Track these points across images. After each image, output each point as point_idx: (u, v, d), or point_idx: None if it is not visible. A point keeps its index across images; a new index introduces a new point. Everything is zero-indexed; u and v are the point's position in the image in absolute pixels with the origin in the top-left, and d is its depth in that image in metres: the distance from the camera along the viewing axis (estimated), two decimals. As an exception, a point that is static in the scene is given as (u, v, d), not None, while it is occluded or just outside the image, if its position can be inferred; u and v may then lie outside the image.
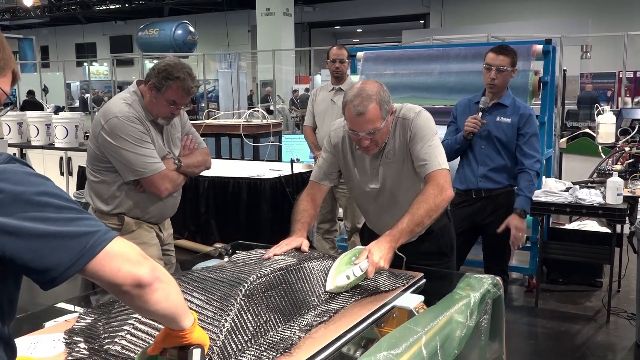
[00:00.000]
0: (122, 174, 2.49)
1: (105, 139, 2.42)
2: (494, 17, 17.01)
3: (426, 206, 2.00)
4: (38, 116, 7.14)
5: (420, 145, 2.11)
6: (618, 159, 4.51)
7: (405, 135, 2.16)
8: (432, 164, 2.08)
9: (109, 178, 2.53)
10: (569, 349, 3.49)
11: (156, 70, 2.43)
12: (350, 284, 1.80)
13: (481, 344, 1.87)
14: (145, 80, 2.46)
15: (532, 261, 4.30)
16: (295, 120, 14.01)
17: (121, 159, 2.44)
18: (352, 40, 25.89)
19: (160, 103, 2.45)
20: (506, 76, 3.18)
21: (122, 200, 2.55)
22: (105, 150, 2.45)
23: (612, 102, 11.97)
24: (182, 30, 17.18)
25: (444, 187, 2.04)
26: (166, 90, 2.41)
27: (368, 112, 1.99)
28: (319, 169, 2.33)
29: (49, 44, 26.24)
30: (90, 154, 2.54)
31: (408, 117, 2.15)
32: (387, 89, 2.10)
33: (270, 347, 1.41)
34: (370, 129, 2.02)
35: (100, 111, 2.51)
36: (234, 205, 5.13)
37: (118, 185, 2.53)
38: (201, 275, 1.59)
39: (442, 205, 2.05)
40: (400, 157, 2.18)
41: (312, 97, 4.44)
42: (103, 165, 2.51)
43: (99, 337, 1.44)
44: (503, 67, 3.13)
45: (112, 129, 2.40)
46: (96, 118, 2.50)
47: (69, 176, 6.61)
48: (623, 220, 3.79)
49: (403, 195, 2.21)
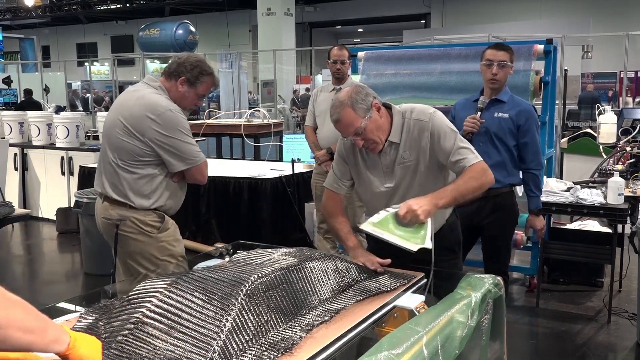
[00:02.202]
0: (171, 165, 2.54)
1: (158, 132, 2.47)
2: (495, 17, 17.01)
3: (472, 182, 2.09)
4: (39, 116, 7.13)
5: (449, 143, 2.16)
6: (619, 159, 4.51)
7: (422, 136, 2.20)
8: (470, 157, 2.14)
9: (151, 172, 2.55)
10: (570, 349, 3.49)
11: (189, 66, 2.57)
12: (382, 223, 1.94)
13: (482, 343, 1.87)
14: (174, 75, 2.58)
15: (533, 261, 4.30)
16: (296, 120, 14.01)
17: (175, 150, 2.51)
18: (353, 40, 25.89)
19: (192, 96, 2.60)
20: (507, 72, 3.19)
21: (161, 194, 2.59)
22: (156, 143, 2.49)
23: (614, 102, 11.95)
24: (183, 30, 17.20)
25: (486, 170, 2.13)
26: (200, 85, 2.59)
27: (342, 118, 2.11)
28: (333, 175, 2.42)
29: (50, 43, 26.26)
30: (127, 150, 2.52)
31: (424, 119, 2.20)
32: (365, 88, 2.19)
33: (271, 347, 1.41)
34: (352, 131, 2.12)
35: (142, 107, 2.50)
36: (235, 205, 5.13)
37: (160, 179, 2.57)
38: (202, 275, 1.60)
39: (485, 185, 2.13)
40: (416, 157, 2.22)
41: (313, 97, 4.44)
42: (146, 160, 2.52)
43: (100, 336, 1.45)
44: (504, 62, 3.15)
45: (166, 122, 2.47)
46: (138, 114, 2.49)
47: (70, 176, 6.62)
48: (624, 220, 3.79)
49: (415, 194, 2.22)
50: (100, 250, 4.86)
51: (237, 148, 8.15)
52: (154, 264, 2.62)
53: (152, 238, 2.60)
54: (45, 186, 6.93)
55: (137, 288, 1.55)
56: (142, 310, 1.45)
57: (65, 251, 5.89)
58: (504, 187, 3.23)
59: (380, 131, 2.18)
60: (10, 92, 12.93)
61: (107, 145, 2.59)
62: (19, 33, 23.05)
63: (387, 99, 4.45)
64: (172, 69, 2.59)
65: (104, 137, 2.65)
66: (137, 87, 2.65)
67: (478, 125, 3.16)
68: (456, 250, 2.44)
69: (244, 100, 12.65)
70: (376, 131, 2.16)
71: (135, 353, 1.36)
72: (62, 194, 6.69)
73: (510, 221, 3.29)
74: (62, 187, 6.71)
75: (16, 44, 21.02)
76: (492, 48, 3.21)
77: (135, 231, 2.58)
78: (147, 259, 2.62)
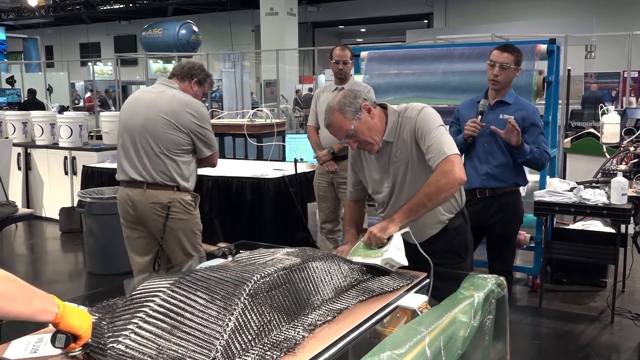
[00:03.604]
0: (201, 151, 3.10)
1: (196, 124, 3.02)
2: (498, 17, 16.98)
3: (426, 189, 2.10)
4: (42, 116, 7.15)
5: (425, 140, 2.17)
6: (622, 159, 4.50)
7: (409, 134, 2.22)
8: (438, 154, 2.12)
9: (188, 159, 3.08)
10: (573, 350, 3.49)
11: (198, 68, 3.15)
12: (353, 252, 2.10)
13: (485, 344, 1.87)
14: (187, 77, 3.11)
15: (536, 261, 4.29)
16: (299, 120, 14.00)
17: (205, 139, 3.08)
18: (356, 40, 25.87)
19: (200, 94, 3.18)
20: (509, 74, 3.19)
21: (194, 177, 3.15)
22: (194, 133, 3.03)
23: (617, 102, 11.91)
24: (186, 30, 17.20)
25: (448, 170, 2.09)
26: (206, 84, 3.19)
27: (332, 122, 2.21)
28: (348, 184, 2.54)
29: (54, 43, 26.29)
30: (173, 141, 3.00)
31: (411, 116, 2.23)
32: (355, 91, 2.26)
33: (274, 347, 1.41)
34: (343, 133, 2.19)
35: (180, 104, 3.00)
36: (238, 204, 5.13)
37: (193, 164, 3.13)
38: (205, 275, 1.60)
39: (445, 188, 2.09)
40: (405, 155, 2.24)
41: (316, 97, 4.44)
42: (185, 149, 3.04)
43: (103, 335, 1.45)
44: (506, 64, 3.15)
45: (201, 115, 3.05)
46: (178, 110, 2.99)
47: (73, 176, 6.63)
48: (627, 220, 3.77)
49: (407, 192, 2.26)
50: (103, 249, 4.88)
51: (240, 148, 8.14)
52: (192, 239, 3.14)
53: (192, 215, 3.14)
54: (49, 186, 6.94)
55: (140, 287, 1.55)
56: (145, 309, 1.45)
57: (68, 251, 5.91)
58: (509, 186, 3.24)
59: (372, 132, 2.20)
60: (13, 92, 12.95)
61: (149, 138, 3.00)
62: (23, 33, 23.09)
63: (390, 99, 4.46)
64: (184, 72, 3.12)
65: (141, 131, 3.02)
66: (158, 88, 3.09)
67: (478, 129, 3.16)
68: (462, 254, 2.42)
69: (246, 100, 12.65)
70: (368, 132, 2.19)
71: (138, 352, 1.36)
72: (65, 194, 6.71)
73: (516, 220, 3.29)
74: (65, 187, 6.73)
75: (20, 44, 21.05)
76: (498, 49, 3.22)
77: (181, 211, 3.08)
78: (188, 235, 3.13)
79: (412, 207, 2.10)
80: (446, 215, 2.35)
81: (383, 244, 2.04)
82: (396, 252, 2.00)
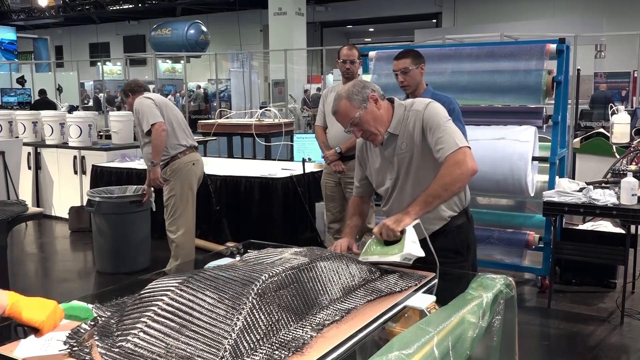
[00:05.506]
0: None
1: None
2: (507, 16, 16.91)
3: (441, 180, 2.09)
4: (52, 115, 7.20)
5: (434, 132, 2.17)
6: (632, 159, 4.47)
7: (415, 127, 2.23)
8: (449, 146, 2.12)
9: None
10: (582, 351, 3.47)
11: None
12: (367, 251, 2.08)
13: (493, 344, 1.87)
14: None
15: (545, 262, 4.27)
16: (307, 119, 14.02)
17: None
18: (365, 39, 25.87)
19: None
20: (414, 75, 3.39)
21: None
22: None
23: (627, 102, 11.83)
24: (195, 29, 17.27)
25: (461, 161, 2.10)
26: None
27: (339, 109, 2.23)
28: (355, 179, 2.53)
29: (63, 43, 26.47)
30: None
31: (418, 109, 2.25)
32: (366, 82, 2.27)
33: (282, 346, 1.41)
34: (348, 121, 2.21)
35: None
36: (246, 204, 5.14)
37: None
38: (213, 274, 1.60)
39: (460, 178, 2.10)
40: (410, 148, 2.26)
41: (323, 97, 4.44)
42: None
43: (112, 334, 1.46)
44: (406, 68, 3.36)
45: None
46: None
47: (83, 175, 6.67)
48: (637, 221, 3.75)
49: (411, 185, 2.28)
50: (112, 248, 4.89)
51: (248, 148, 8.17)
52: None
53: None
54: (58, 185, 6.99)
55: (149, 286, 1.56)
56: (153, 308, 1.46)
57: (78, 249, 5.94)
58: None
59: (377, 122, 2.22)
60: (24, 91, 13.04)
61: None
62: (33, 33, 23.24)
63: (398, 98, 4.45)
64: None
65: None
66: None
67: None
68: (464, 253, 2.40)
69: (255, 99, 12.67)
70: (373, 122, 2.21)
71: (147, 351, 1.37)
72: (74, 193, 6.75)
73: None
74: (74, 186, 6.77)
75: (30, 44, 21.20)
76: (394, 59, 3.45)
77: None
78: None
79: (427, 199, 2.09)
80: (448, 212, 2.34)
81: (396, 237, 2.03)
82: (413, 246, 1.99)
